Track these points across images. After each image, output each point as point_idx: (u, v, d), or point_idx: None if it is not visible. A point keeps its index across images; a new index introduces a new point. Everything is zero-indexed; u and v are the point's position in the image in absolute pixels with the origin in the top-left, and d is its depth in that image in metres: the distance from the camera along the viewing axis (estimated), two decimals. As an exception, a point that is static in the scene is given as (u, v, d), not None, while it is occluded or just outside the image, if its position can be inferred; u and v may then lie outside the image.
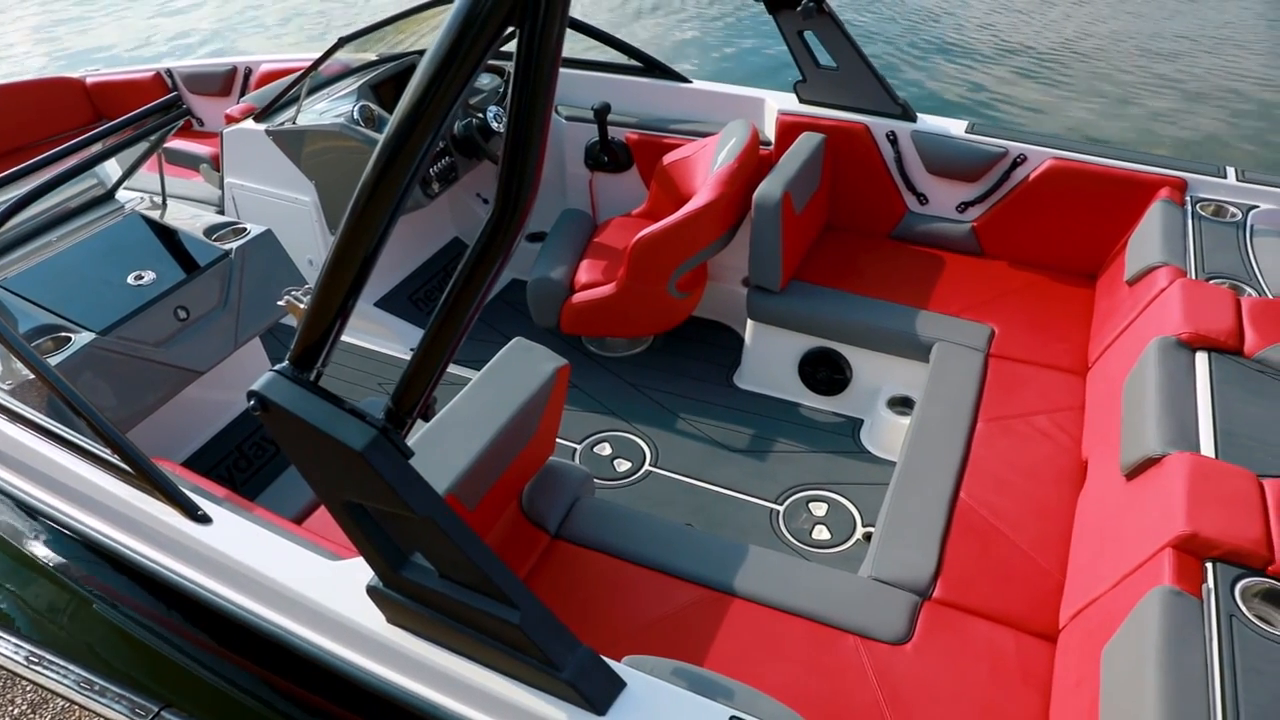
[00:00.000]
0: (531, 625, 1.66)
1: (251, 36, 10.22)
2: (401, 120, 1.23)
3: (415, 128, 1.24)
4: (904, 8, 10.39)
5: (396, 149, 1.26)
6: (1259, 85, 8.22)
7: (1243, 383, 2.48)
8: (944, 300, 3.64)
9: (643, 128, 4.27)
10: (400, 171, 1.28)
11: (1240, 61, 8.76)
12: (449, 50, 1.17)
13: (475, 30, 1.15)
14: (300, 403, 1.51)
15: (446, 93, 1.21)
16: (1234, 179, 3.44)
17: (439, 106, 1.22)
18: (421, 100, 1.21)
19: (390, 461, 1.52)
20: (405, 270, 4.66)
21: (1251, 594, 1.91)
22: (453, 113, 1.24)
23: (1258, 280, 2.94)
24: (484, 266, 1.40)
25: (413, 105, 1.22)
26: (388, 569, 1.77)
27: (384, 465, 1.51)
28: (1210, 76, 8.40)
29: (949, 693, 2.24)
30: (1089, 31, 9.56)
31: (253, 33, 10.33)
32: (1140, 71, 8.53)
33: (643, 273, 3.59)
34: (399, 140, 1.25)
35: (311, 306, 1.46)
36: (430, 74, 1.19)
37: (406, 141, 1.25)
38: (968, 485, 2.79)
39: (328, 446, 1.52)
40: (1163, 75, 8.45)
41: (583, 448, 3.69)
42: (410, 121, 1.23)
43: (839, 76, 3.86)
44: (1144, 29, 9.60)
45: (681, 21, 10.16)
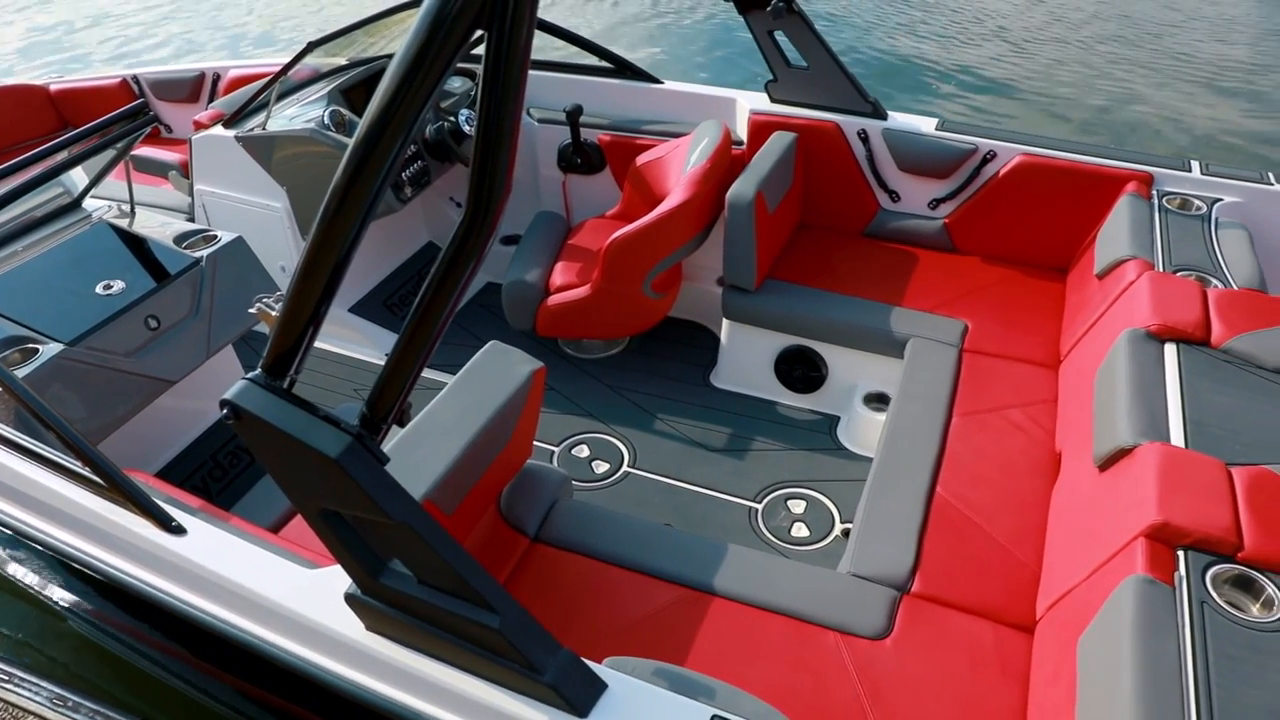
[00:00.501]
0: (512, 629, 1.66)
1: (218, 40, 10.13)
2: (371, 125, 1.23)
3: (385, 132, 1.23)
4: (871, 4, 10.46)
5: (366, 154, 1.25)
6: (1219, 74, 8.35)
7: (1210, 373, 2.51)
8: (917, 296, 3.66)
9: (615, 129, 4.27)
10: (370, 176, 1.27)
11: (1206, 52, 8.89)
12: (417, 54, 1.17)
13: (443, 33, 1.15)
14: (274, 411, 1.50)
15: (416, 97, 1.20)
16: (1199, 172, 3.49)
17: (408, 110, 1.21)
18: (390, 104, 1.21)
19: (366, 468, 1.51)
20: (379, 275, 4.63)
21: (1222, 580, 1.93)
22: (423, 116, 1.24)
23: (1223, 272, 2.98)
24: (456, 271, 1.40)
25: (382, 110, 1.21)
26: (366, 576, 1.76)
27: (360, 472, 1.50)
28: (1177, 68, 8.52)
29: (929, 686, 2.26)
30: (1060, 20, 9.66)
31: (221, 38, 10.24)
32: (1109, 64, 8.64)
33: (617, 274, 3.59)
34: (368, 145, 1.24)
35: (283, 314, 1.45)
36: (399, 78, 1.18)
37: (376, 146, 1.24)
38: (944, 480, 2.82)
39: (302, 454, 1.51)
40: (1130, 65, 8.56)
41: (560, 450, 3.68)
42: (380, 126, 1.22)
43: (810, 76, 3.88)
44: (1109, 26, 9.72)
45: (652, 22, 10.17)
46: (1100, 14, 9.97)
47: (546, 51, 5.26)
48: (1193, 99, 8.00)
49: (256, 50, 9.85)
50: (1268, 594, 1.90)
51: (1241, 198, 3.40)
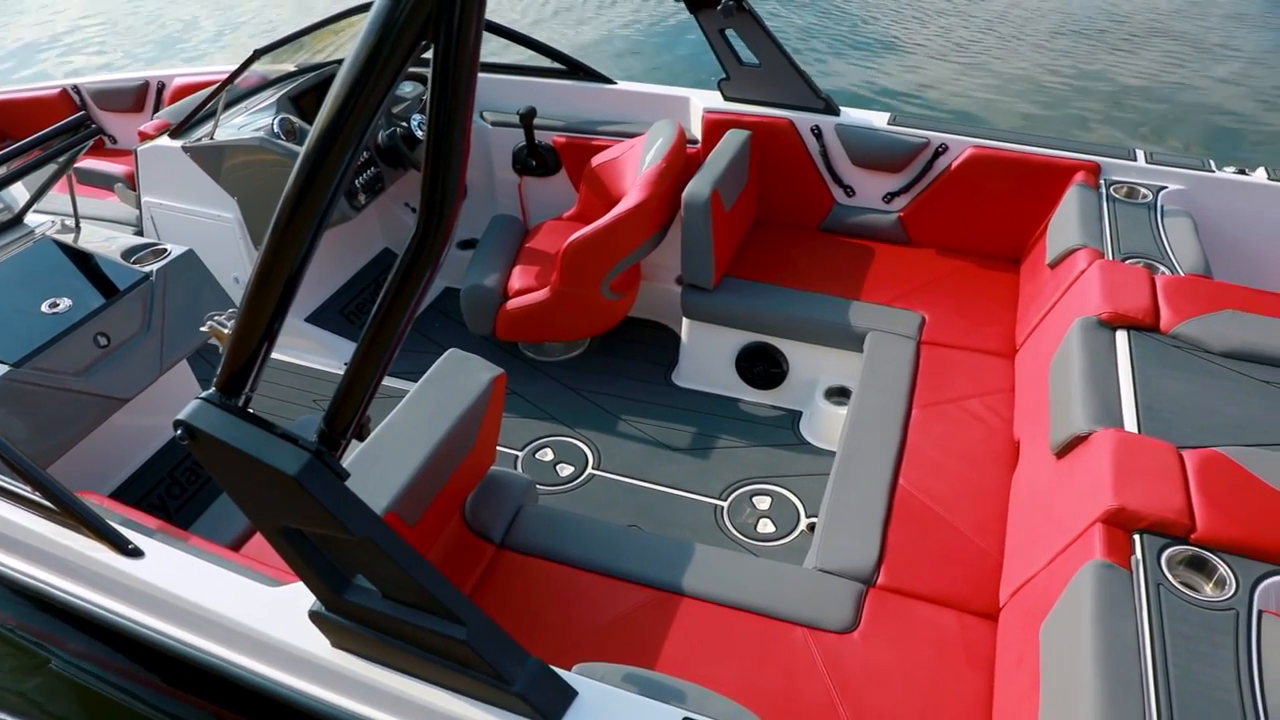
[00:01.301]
0: (479, 640, 1.65)
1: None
2: (320, 135, 1.21)
3: (335, 143, 1.21)
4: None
5: (317, 164, 1.23)
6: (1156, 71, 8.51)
7: (1160, 358, 2.56)
8: (875, 290, 3.70)
9: (569, 130, 4.25)
10: (322, 187, 1.25)
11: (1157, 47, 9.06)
12: (364, 65, 1.15)
13: (389, 46, 1.14)
14: (229, 430, 1.48)
15: (364, 107, 1.19)
16: (1143, 161, 3.55)
17: (358, 121, 1.20)
18: (339, 115, 1.19)
19: (326, 485, 1.49)
20: (335, 284, 4.58)
21: (1177, 562, 1.98)
22: (374, 125, 1.22)
23: (1170, 259, 3.04)
24: (412, 280, 1.38)
25: (331, 121, 1.20)
26: (330, 593, 1.74)
27: (319, 489, 1.48)
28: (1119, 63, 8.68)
29: (897, 677, 2.28)
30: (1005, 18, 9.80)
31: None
32: (1050, 58, 8.78)
33: (576, 276, 3.58)
34: (319, 155, 1.23)
35: (236, 330, 1.42)
36: (347, 89, 1.17)
37: (327, 157, 1.22)
38: (906, 471, 2.85)
39: (260, 473, 1.48)
40: (1069, 58, 8.70)
41: (524, 454, 3.67)
42: (329, 137, 1.21)
43: (762, 73, 3.90)
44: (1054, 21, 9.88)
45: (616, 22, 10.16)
46: (1042, 9, 10.13)
47: (500, 54, 5.23)
48: (1134, 89, 8.16)
49: (203, 56, 9.70)
50: (1219, 573, 1.94)
51: (1185, 185, 3.47)
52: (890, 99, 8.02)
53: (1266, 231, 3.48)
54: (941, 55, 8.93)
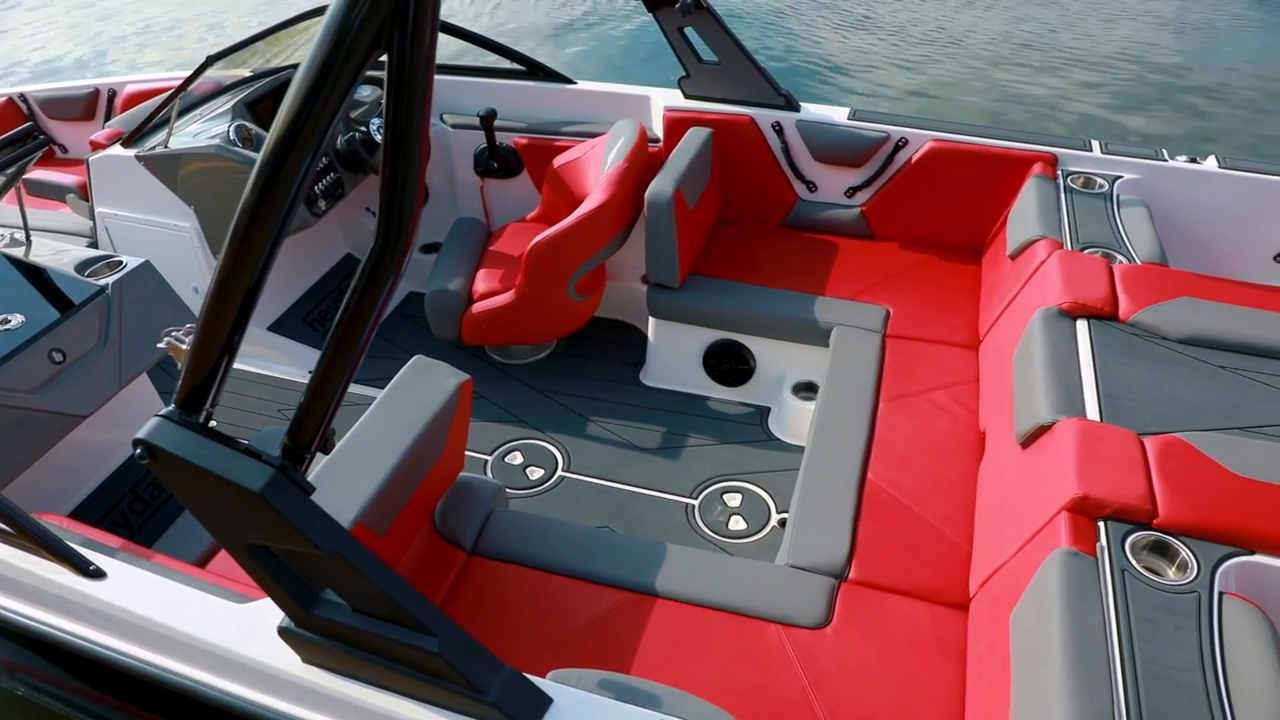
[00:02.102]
0: (451, 651, 1.63)
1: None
2: (277, 143, 1.19)
3: (292, 151, 1.20)
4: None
5: (274, 173, 1.21)
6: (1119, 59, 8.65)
7: (1120, 347, 2.60)
8: (839, 285, 3.72)
9: (531, 131, 4.23)
10: (280, 196, 1.23)
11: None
12: (320, 70, 1.14)
13: (345, 51, 1.12)
14: (190, 447, 1.45)
15: (321, 114, 1.17)
16: (1099, 152, 3.60)
17: (315, 128, 1.18)
18: (295, 122, 1.17)
19: (291, 500, 1.47)
20: (297, 291, 4.52)
21: (1140, 547, 2.01)
22: (330, 132, 1.21)
23: (1127, 248, 3.09)
24: (374, 287, 1.37)
25: (287, 128, 1.18)
26: (298, 609, 1.72)
27: (285, 504, 1.46)
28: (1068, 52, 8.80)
29: (871, 670, 2.29)
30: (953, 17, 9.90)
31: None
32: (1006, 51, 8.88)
33: (541, 277, 3.56)
34: (275, 164, 1.21)
35: (195, 345, 1.40)
36: (303, 96, 1.15)
37: (284, 165, 1.21)
38: (874, 465, 2.86)
39: (224, 490, 1.46)
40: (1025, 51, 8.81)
41: (494, 459, 3.65)
42: (286, 144, 1.19)
43: (722, 71, 3.90)
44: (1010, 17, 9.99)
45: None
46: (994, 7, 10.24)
47: (460, 56, 5.20)
48: (1087, 82, 8.27)
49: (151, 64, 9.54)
50: (1181, 557, 1.98)
51: (1139, 174, 3.53)
52: (851, 94, 8.07)
53: (1218, 218, 3.55)
54: (897, 50, 9.00)
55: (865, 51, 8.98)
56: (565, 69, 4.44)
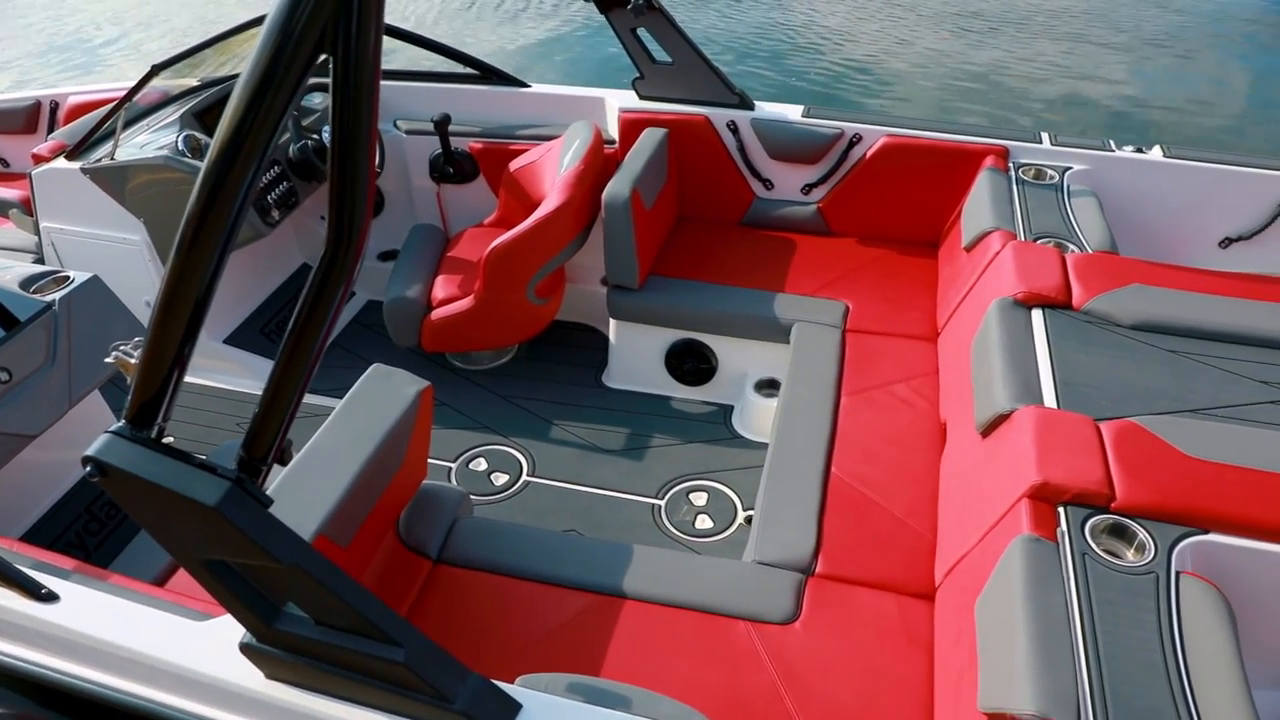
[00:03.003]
0: (417, 661, 1.61)
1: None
2: (221, 152, 1.17)
3: (236, 159, 1.18)
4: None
5: (218, 182, 1.19)
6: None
7: (1074, 334, 2.64)
8: (798, 281, 3.74)
9: (486, 136, 4.21)
10: (226, 205, 1.21)
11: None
12: (262, 77, 1.12)
13: (287, 57, 1.11)
14: (142, 463, 1.42)
15: (265, 120, 1.15)
16: (1049, 144, 3.66)
17: (259, 135, 1.16)
18: (239, 130, 1.15)
19: (248, 513, 1.44)
20: (253, 302, 4.46)
21: (1100, 530, 2.04)
22: (277, 137, 1.19)
23: (1078, 237, 3.14)
24: (326, 296, 1.35)
25: (230, 135, 1.16)
26: (260, 624, 1.69)
27: (242, 518, 1.43)
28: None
29: (840, 663, 2.30)
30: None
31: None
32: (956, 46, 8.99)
33: (500, 282, 3.54)
34: (220, 173, 1.19)
35: (144, 359, 1.37)
36: (245, 102, 1.14)
37: (228, 173, 1.19)
38: (838, 459, 2.88)
39: (179, 506, 1.43)
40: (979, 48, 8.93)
41: (458, 466, 3.62)
42: (230, 152, 1.17)
43: (675, 71, 3.91)
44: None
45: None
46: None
47: (417, 62, 5.15)
48: (1041, 75, 8.41)
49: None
50: (1139, 539, 2.01)
51: (1088, 165, 3.59)
52: (803, 92, 8.13)
53: (1164, 206, 3.62)
54: (851, 46, 9.09)
55: (820, 48, 9.05)
56: (519, 73, 4.42)
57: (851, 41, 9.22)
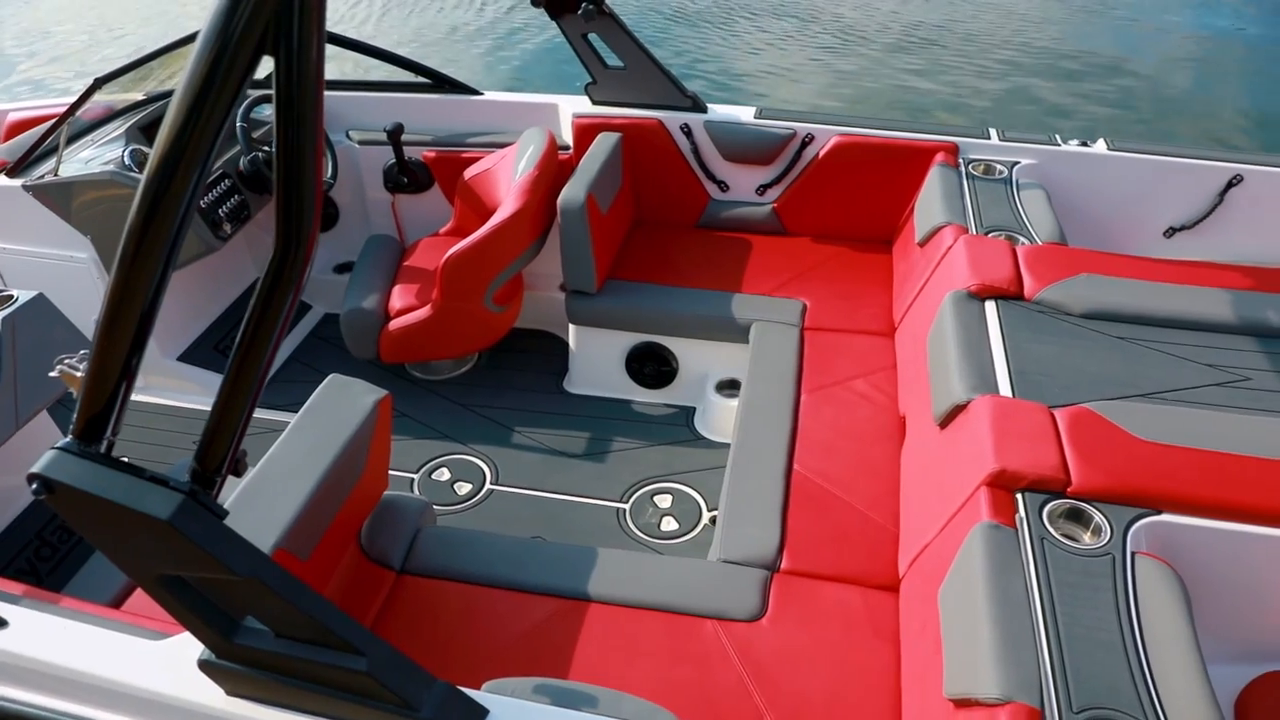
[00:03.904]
0: (381, 670, 1.59)
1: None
2: (161, 161, 1.15)
3: (177, 168, 1.16)
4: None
5: (159, 192, 1.17)
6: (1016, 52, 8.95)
7: (1027, 324, 2.68)
8: (755, 281, 3.76)
9: (439, 144, 4.19)
10: (168, 215, 1.19)
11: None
12: (201, 85, 1.11)
13: (225, 64, 1.09)
14: (91, 479, 1.39)
15: (205, 130, 1.14)
16: (997, 139, 3.72)
17: (200, 144, 1.15)
18: (179, 139, 1.14)
19: (203, 526, 1.42)
20: (207, 319, 4.39)
21: (1057, 515, 2.07)
22: (217, 146, 1.17)
23: (1028, 229, 3.19)
24: (274, 306, 1.33)
25: (170, 145, 1.14)
26: (219, 639, 1.66)
27: (196, 531, 1.40)
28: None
29: (808, 658, 2.31)
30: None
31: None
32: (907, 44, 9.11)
33: (457, 291, 3.52)
34: (161, 183, 1.17)
35: (90, 372, 1.34)
36: (185, 112, 1.12)
37: (170, 184, 1.17)
38: (799, 456, 2.90)
39: (130, 521, 1.40)
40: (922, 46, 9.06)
41: (420, 476, 3.59)
42: (171, 161, 1.15)
43: (627, 75, 3.92)
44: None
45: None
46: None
47: (368, 73, 5.12)
48: (985, 73, 8.55)
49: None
50: (1095, 522, 2.04)
51: (1036, 159, 3.65)
52: (756, 93, 8.19)
53: (1110, 197, 3.69)
54: (800, 47, 9.17)
55: (767, 51, 9.13)
56: (471, 81, 4.41)
57: (800, 43, 9.31)
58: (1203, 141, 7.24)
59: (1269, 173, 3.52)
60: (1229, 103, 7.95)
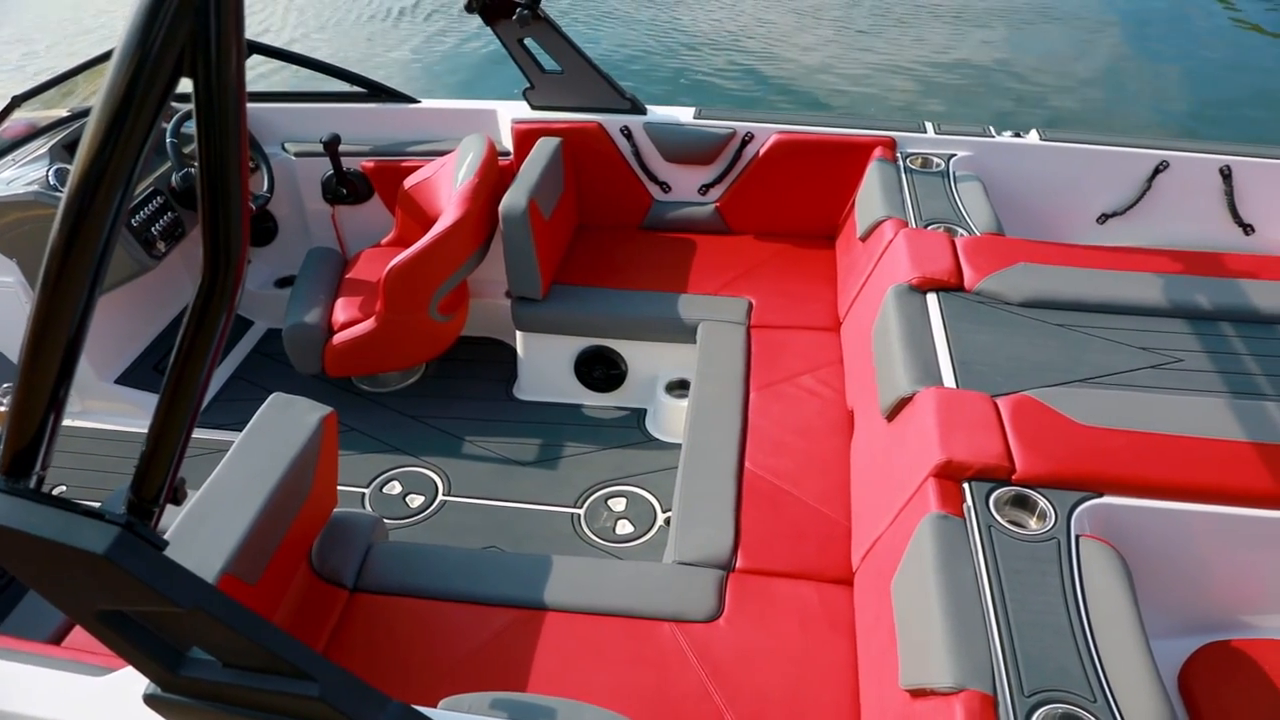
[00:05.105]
0: (333, 694, 1.57)
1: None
2: (82, 179, 1.12)
3: (100, 186, 1.12)
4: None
5: (82, 212, 1.14)
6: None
7: (968, 315, 2.72)
8: (701, 281, 3.77)
9: (377, 154, 4.14)
10: (91, 236, 1.15)
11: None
12: (120, 101, 1.07)
13: (144, 82, 1.06)
14: (20, 516, 1.34)
15: (128, 148, 1.10)
16: (933, 132, 3.77)
17: (122, 163, 1.11)
18: (100, 155, 1.10)
19: (142, 558, 1.38)
20: (145, 339, 4.28)
21: (1003, 502, 2.11)
22: (139, 165, 1.14)
23: (966, 221, 3.24)
24: (207, 327, 1.30)
25: (91, 161, 1.11)
26: (163, 672, 1.61)
27: (135, 564, 1.36)
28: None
29: (766, 655, 2.32)
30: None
31: None
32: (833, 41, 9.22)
33: (401, 301, 3.48)
34: (83, 202, 1.13)
35: (14, 405, 1.29)
36: (105, 128, 1.09)
37: (92, 203, 1.13)
38: (750, 454, 2.91)
39: (64, 558, 1.35)
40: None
41: (371, 490, 3.54)
42: (93, 180, 1.12)
43: (565, 79, 3.91)
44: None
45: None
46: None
47: (303, 84, 5.04)
48: (921, 68, 8.68)
49: None
50: (1040, 507, 2.08)
51: (972, 151, 3.71)
52: (695, 93, 8.22)
53: (1044, 187, 3.77)
54: (739, 46, 9.23)
55: (707, 51, 9.17)
56: (408, 89, 4.36)
57: (737, 43, 9.37)
58: (1131, 129, 7.43)
59: (1192, 158, 3.62)
60: (1151, 91, 8.17)
